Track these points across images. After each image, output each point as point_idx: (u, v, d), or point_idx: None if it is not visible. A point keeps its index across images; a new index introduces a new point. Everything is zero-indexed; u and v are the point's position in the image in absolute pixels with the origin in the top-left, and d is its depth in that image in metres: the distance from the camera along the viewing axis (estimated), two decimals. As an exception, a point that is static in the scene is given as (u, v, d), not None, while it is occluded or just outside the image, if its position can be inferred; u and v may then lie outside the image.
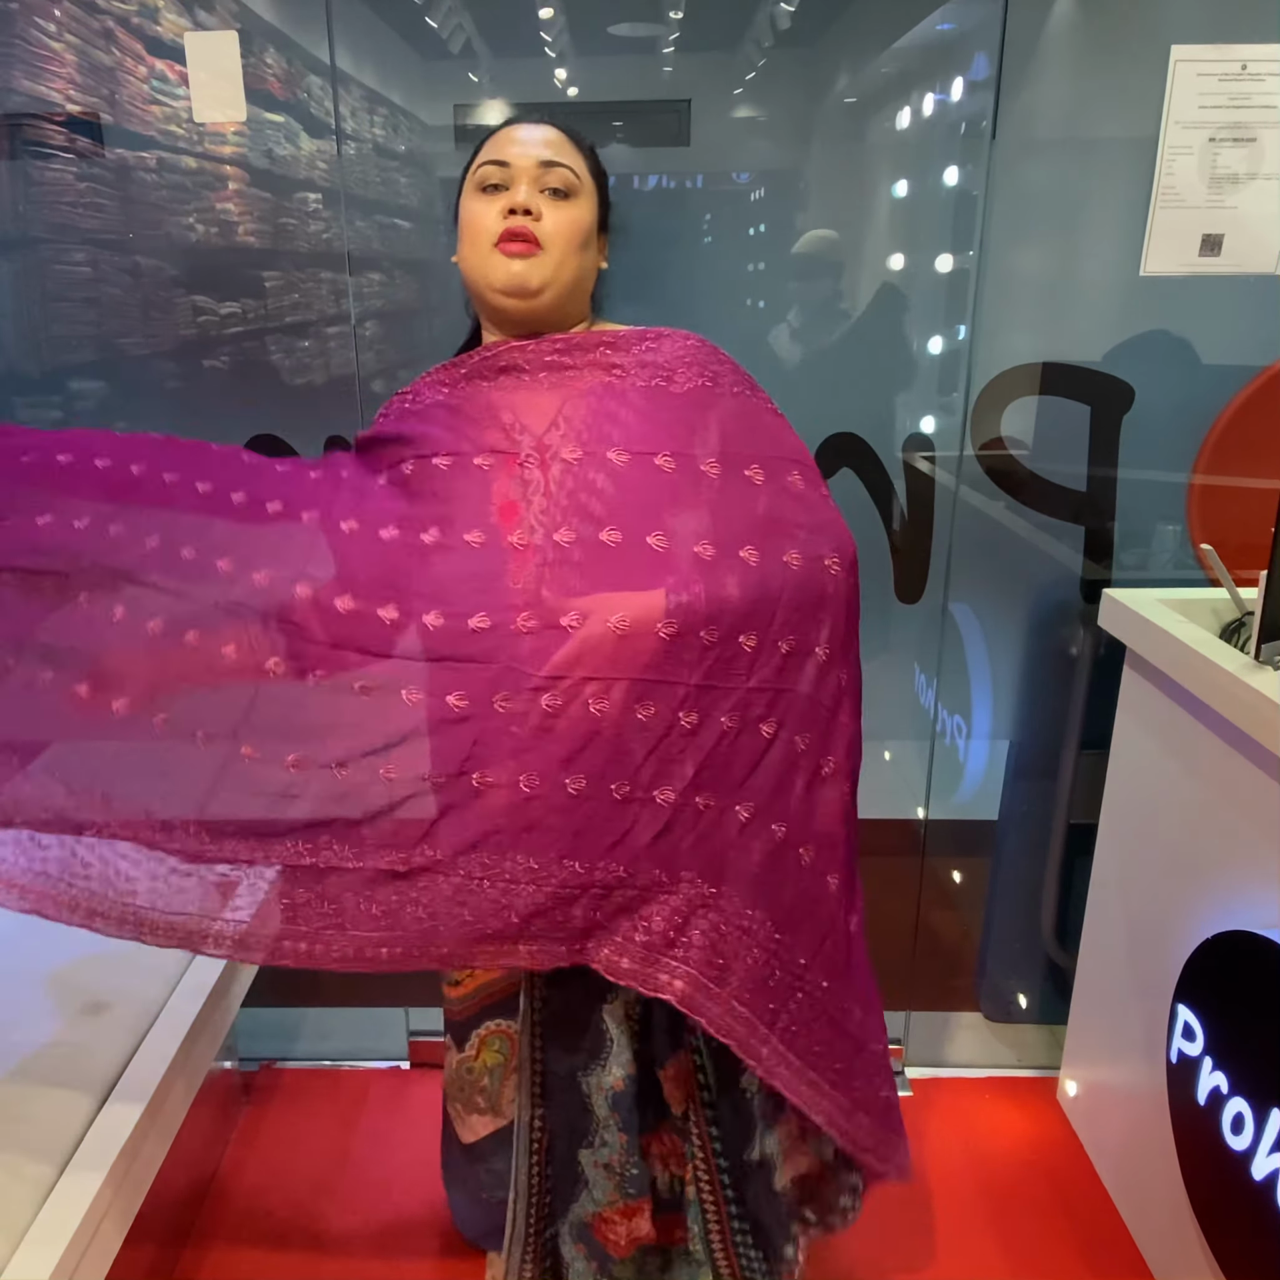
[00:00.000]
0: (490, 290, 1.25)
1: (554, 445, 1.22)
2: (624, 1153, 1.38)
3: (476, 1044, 1.42)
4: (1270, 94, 1.71)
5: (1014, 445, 1.95)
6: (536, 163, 1.23)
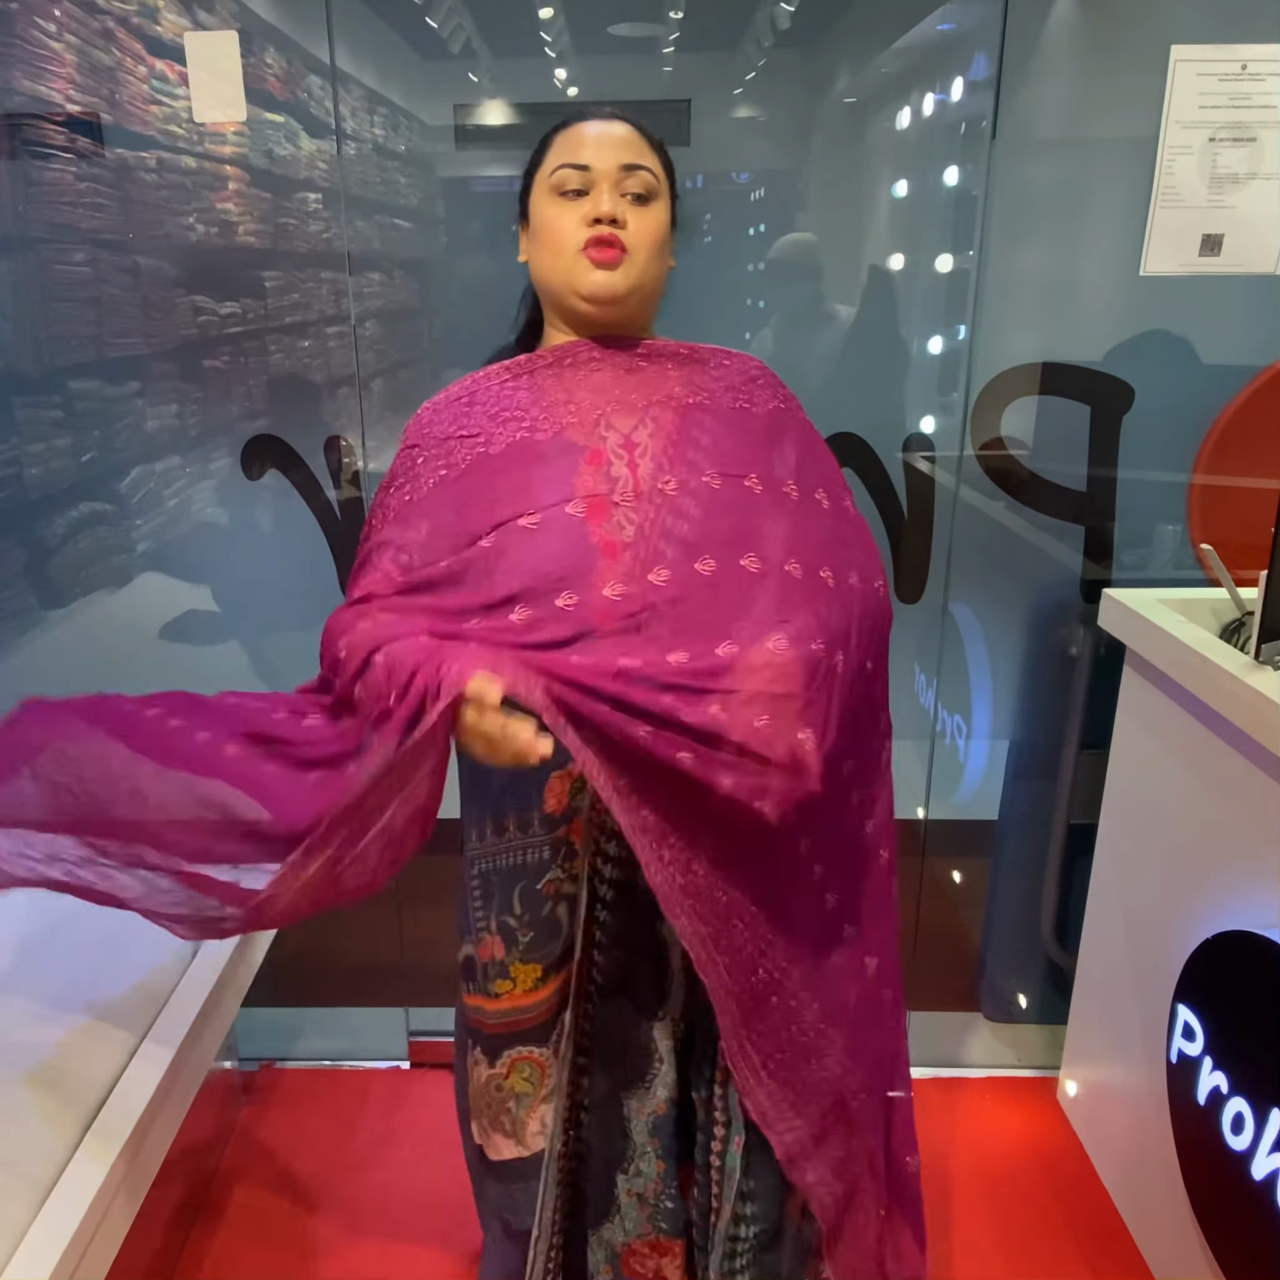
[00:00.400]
0: (574, 296, 1.22)
1: (642, 443, 1.20)
2: (659, 1182, 1.35)
3: (508, 1064, 1.35)
4: (1270, 94, 1.71)
5: (1014, 445, 1.95)
6: (618, 166, 1.19)
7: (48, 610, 2.09)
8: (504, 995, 1.32)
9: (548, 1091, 1.34)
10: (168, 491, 2.09)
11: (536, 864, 1.28)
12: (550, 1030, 1.33)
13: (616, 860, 1.26)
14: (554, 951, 1.30)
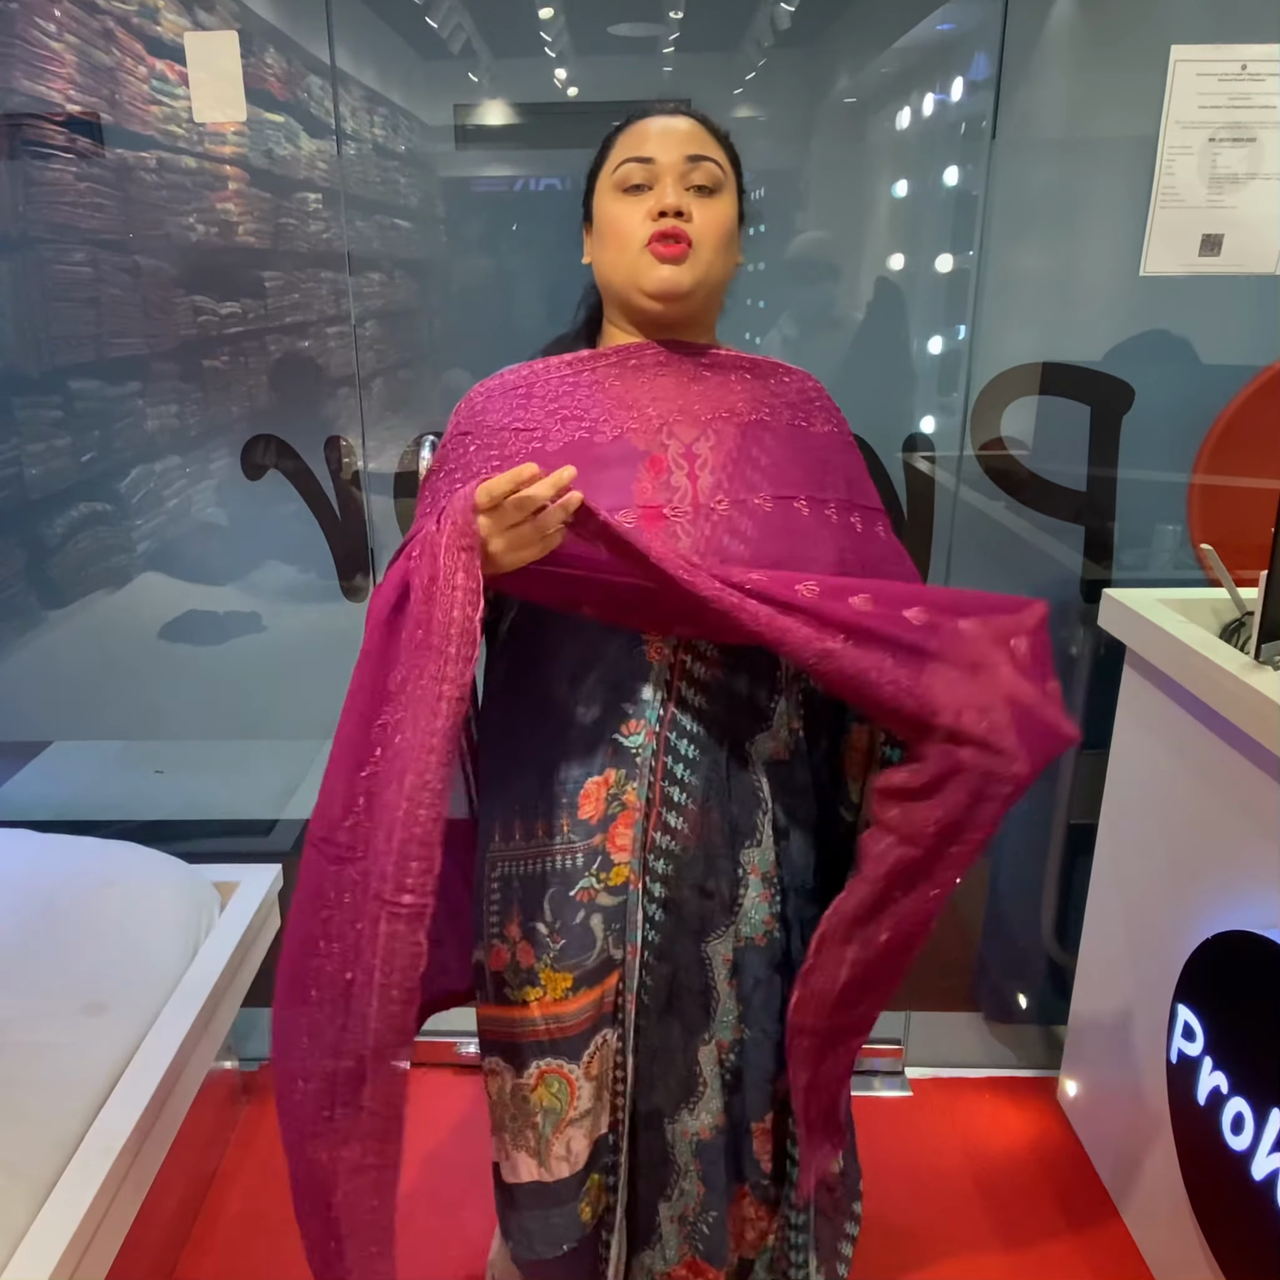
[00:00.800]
0: (639, 293, 1.18)
1: (703, 455, 1.19)
2: (700, 1205, 1.32)
3: (536, 1075, 1.27)
4: (1270, 94, 1.71)
5: (1014, 445, 1.95)
6: (683, 158, 1.16)
7: (48, 610, 2.09)
8: (534, 1003, 1.25)
9: (576, 1114, 1.27)
10: (168, 491, 2.10)
11: (568, 870, 1.22)
12: (583, 1047, 1.26)
13: (664, 879, 1.22)
14: (586, 962, 1.23)
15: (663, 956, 1.24)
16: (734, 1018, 1.27)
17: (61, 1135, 1.39)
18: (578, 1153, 1.28)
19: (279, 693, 2.17)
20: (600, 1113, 1.29)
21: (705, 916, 1.24)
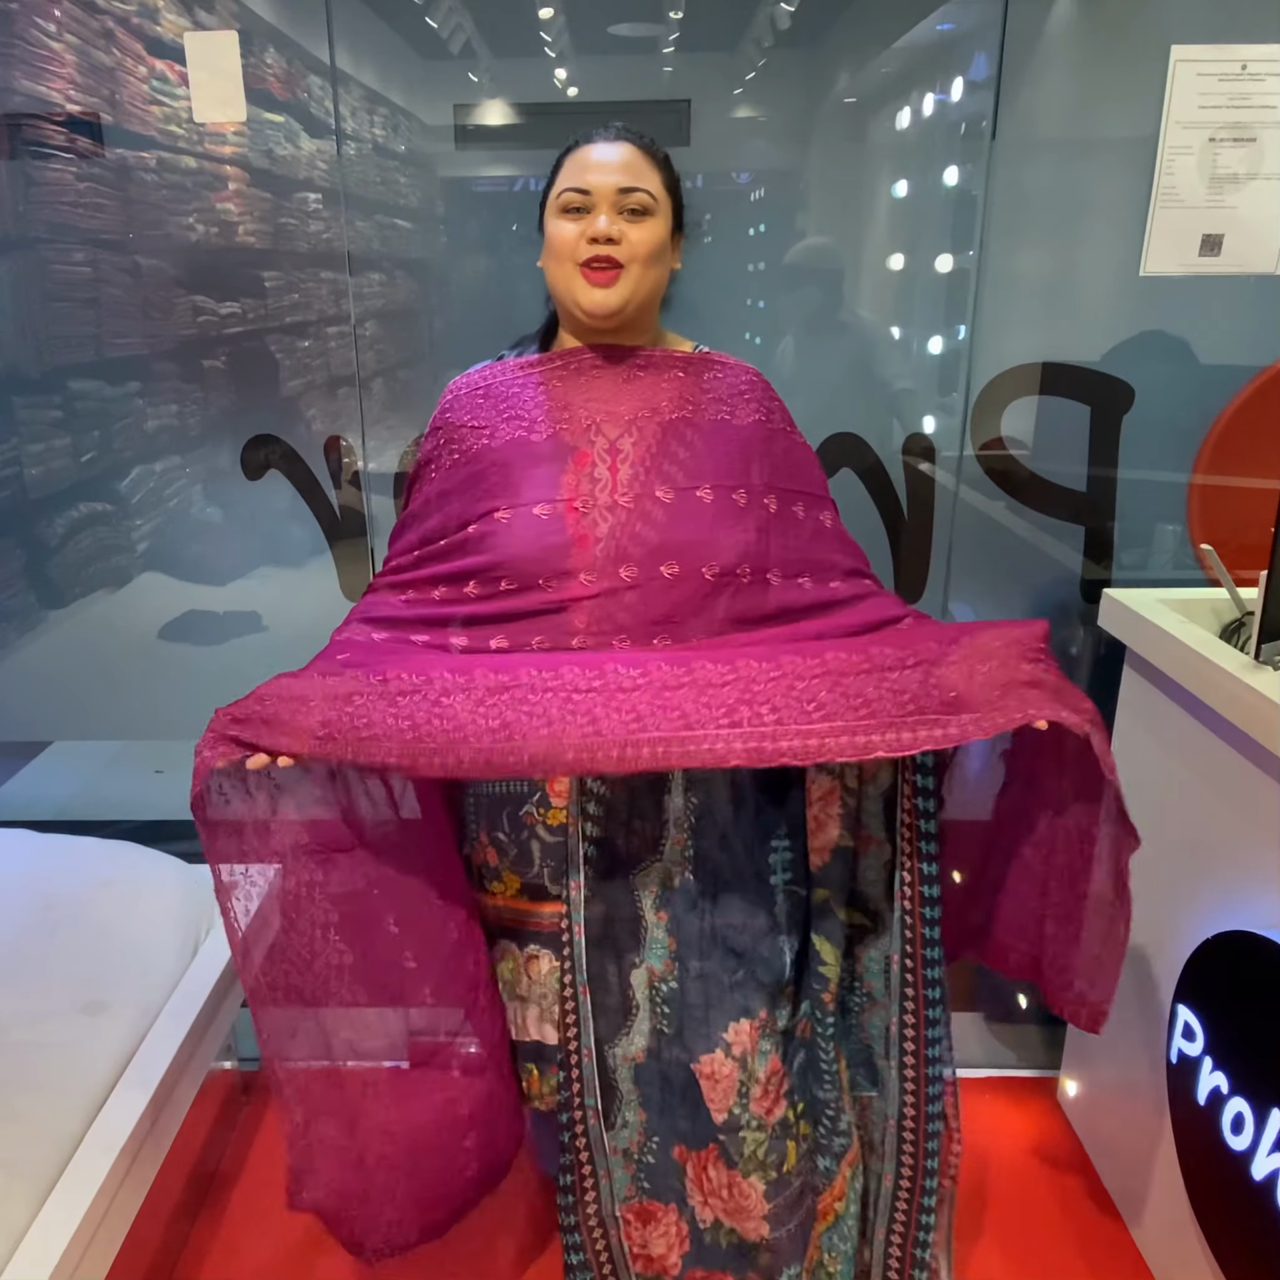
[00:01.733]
0: (577, 309, 1.37)
1: (625, 450, 1.38)
2: (643, 1134, 1.41)
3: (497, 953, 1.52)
4: (1270, 94, 1.71)
5: (1014, 445, 1.95)
6: (615, 189, 1.33)
7: (48, 610, 2.09)
8: (498, 894, 1.50)
9: (520, 993, 1.50)
10: (168, 491, 2.09)
11: (518, 794, 1.43)
12: (526, 943, 1.48)
13: (596, 819, 1.36)
14: (527, 876, 1.46)
15: (596, 890, 1.38)
16: (664, 949, 1.39)
17: (61, 1135, 1.39)
18: (518, 1025, 1.51)
19: (279, 693, 2.16)
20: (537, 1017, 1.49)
21: (631, 851, 1.38)
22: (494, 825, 1.47)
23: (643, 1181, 1.42)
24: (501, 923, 1.51)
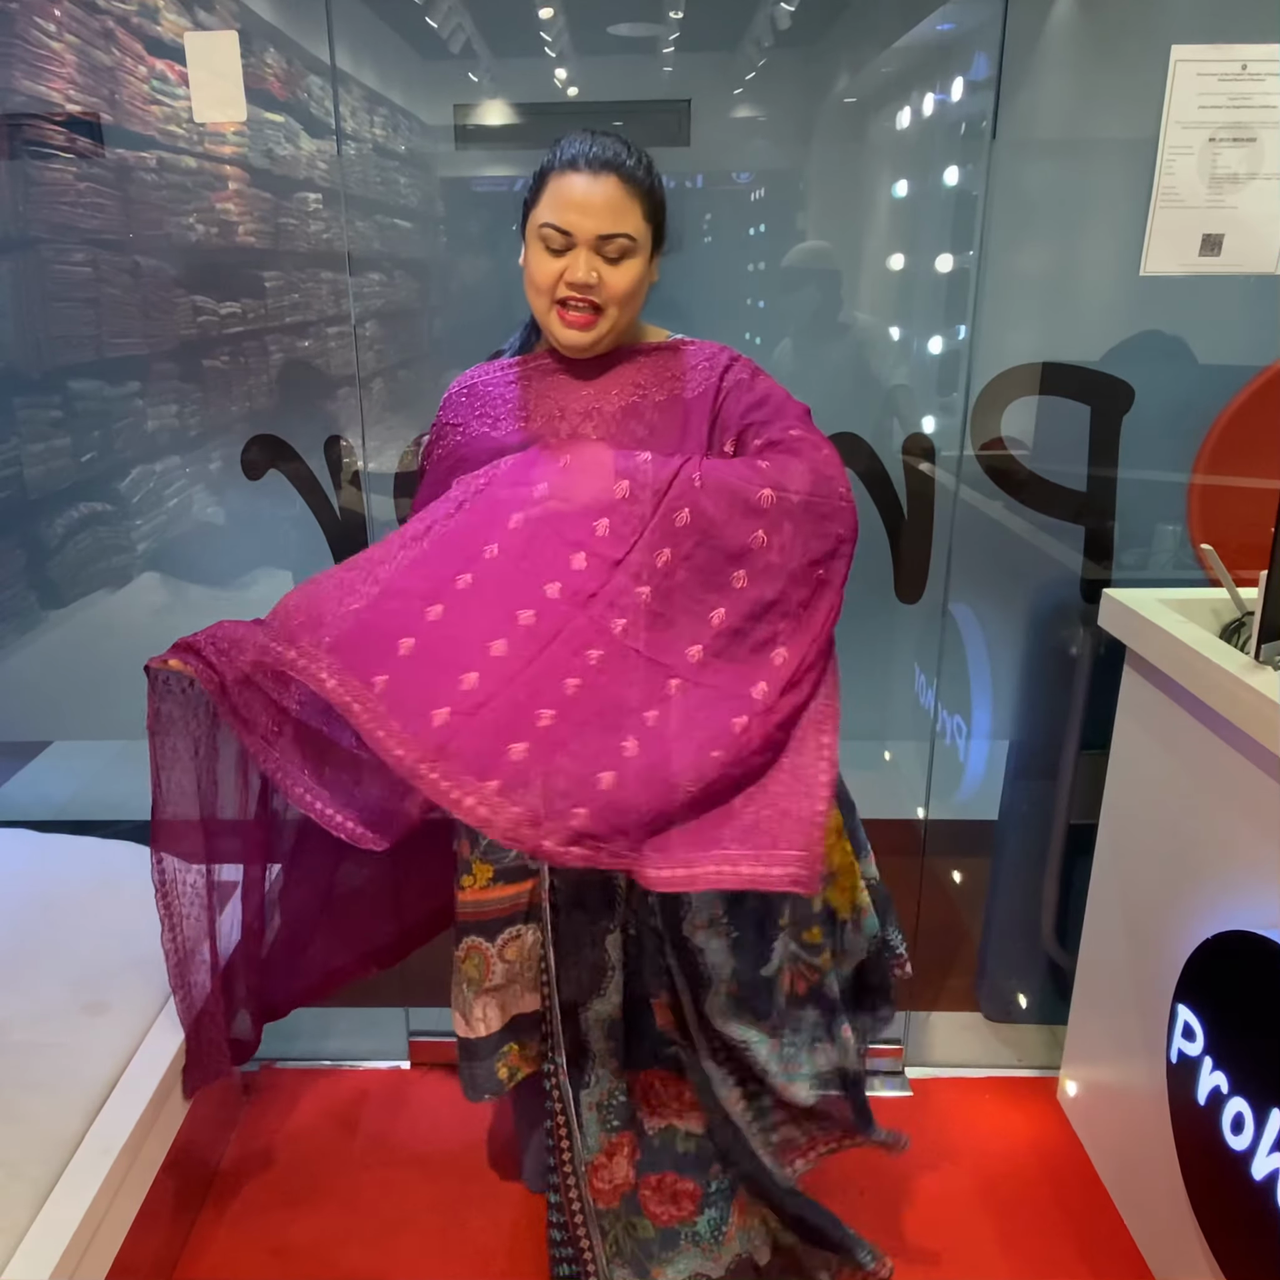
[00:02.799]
0: (551, 338, 1.44)
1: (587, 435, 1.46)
2: (611, 1081, 1.53)
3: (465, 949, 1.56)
4: (1270, 94, 1.71)
5: (1014, 445, 1.95)
6: (595, 235, 1.36)
7: (48, 610, 2.09)
8: (468, 889, 1.54)
9: (491, 985, 1.54)
10: (168, 491, 2.09)
11: None
12: (498, 931, 1.53)
13: None
14: (504, 861, 1.51)
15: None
16: (629, 908, 1.49)
17: (61, 1135, 1.39)
18: (491, 1018, 1.56)
19: (279, 693, 2.16)
20: (519, 994, 1.55)
21: None
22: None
23: (611, 1122, 1.54)
24: (467, 918, 1.55)
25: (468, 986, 1.57)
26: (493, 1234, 1.82)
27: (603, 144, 1.37)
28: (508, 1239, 1.81)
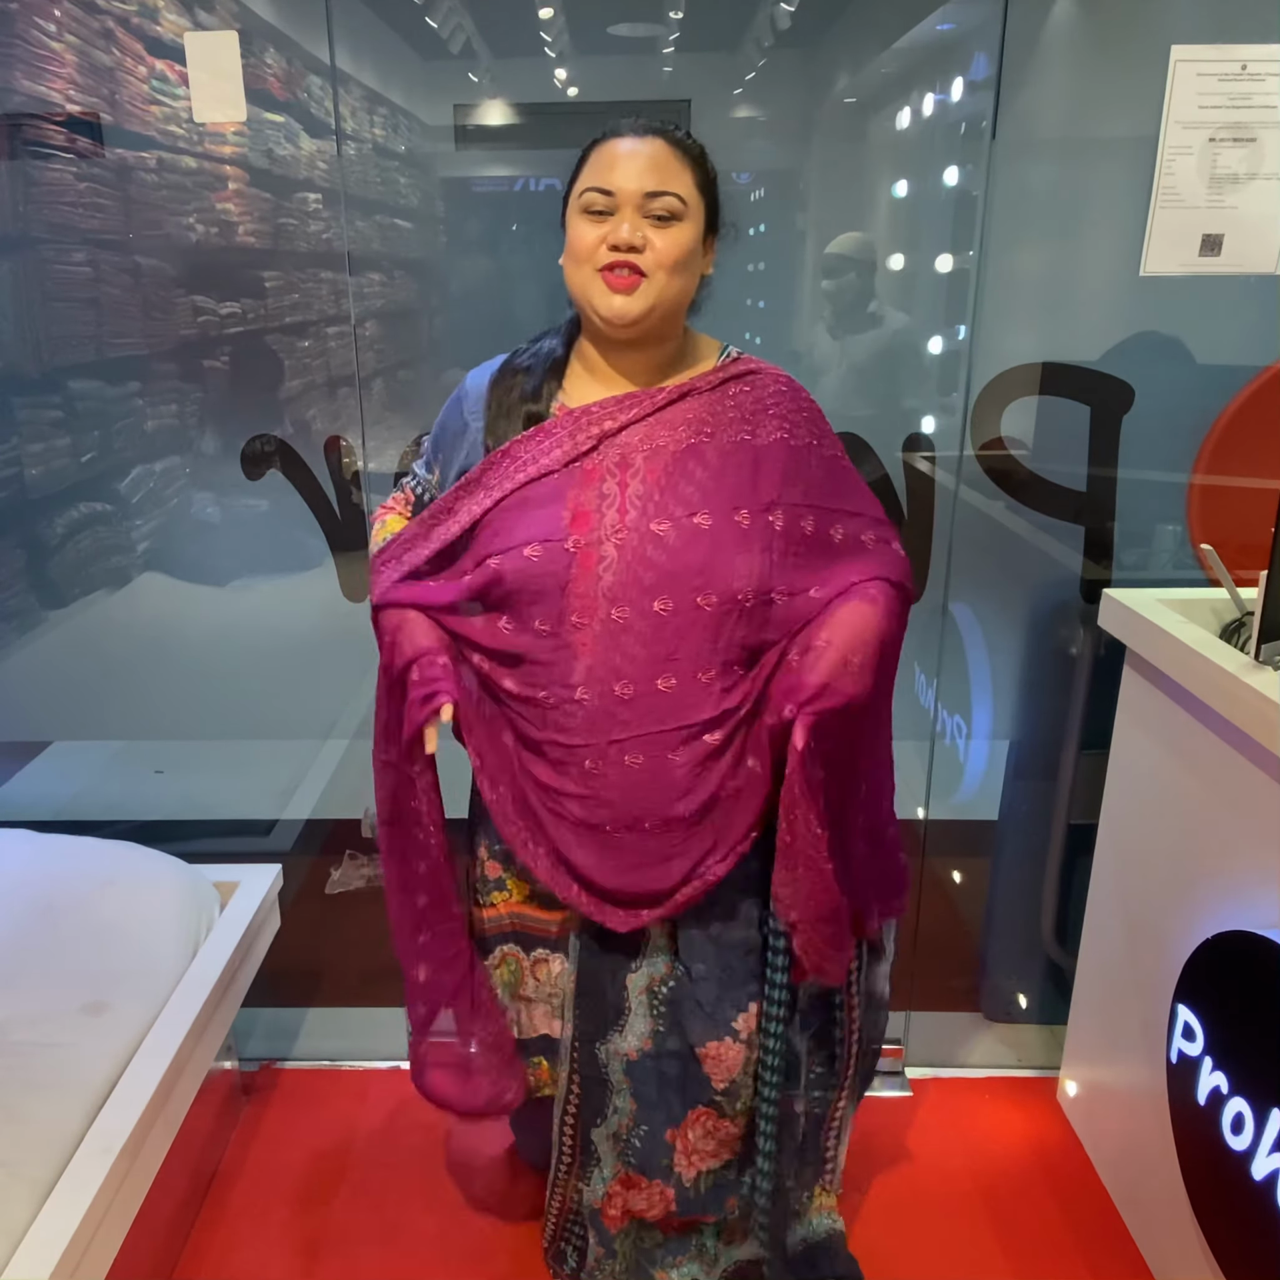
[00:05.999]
0: (596, 315, 1.28)
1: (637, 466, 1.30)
2: (633, 1120, 1.48)
3: (499, 957, 1.54)
4: (1270, 94, 1.71)
5: (1014, 445, 1.95)
6: (641, 192, 1.24)
7: (48, 610, 2.09)
8: (500, 904, 1.51)
9: (526, 995, 1.53)
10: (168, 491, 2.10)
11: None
12: (533, 945, 1.51)
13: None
14: (536, 886, 1.45)
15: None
16: (666, 955, 1.44)
17: (61, 1135, 1.39)
18: (524, 1024, 1.54)
19: (279, 693, 2.17)
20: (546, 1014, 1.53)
21: None
22: (494, 839, 1.48)
23: (629, 1158, 1.50)
24: (502, 930, 1.53)
25: (503, 991, 1.55)
26: (492, 1234, 1.82)
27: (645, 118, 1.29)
28: (508, 1239, 1.81)
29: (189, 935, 1.79)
